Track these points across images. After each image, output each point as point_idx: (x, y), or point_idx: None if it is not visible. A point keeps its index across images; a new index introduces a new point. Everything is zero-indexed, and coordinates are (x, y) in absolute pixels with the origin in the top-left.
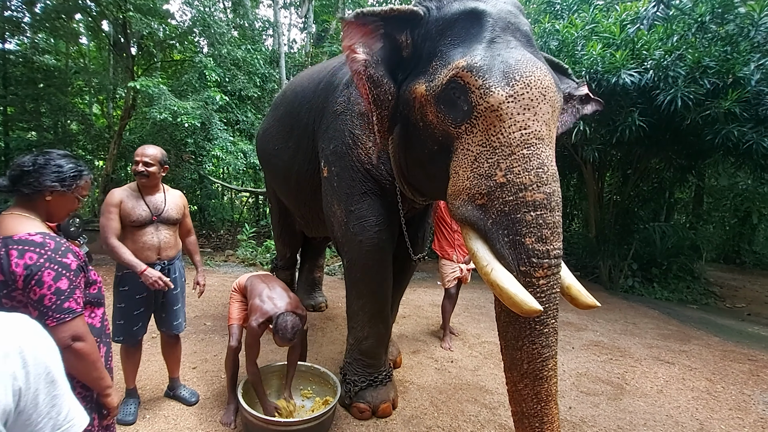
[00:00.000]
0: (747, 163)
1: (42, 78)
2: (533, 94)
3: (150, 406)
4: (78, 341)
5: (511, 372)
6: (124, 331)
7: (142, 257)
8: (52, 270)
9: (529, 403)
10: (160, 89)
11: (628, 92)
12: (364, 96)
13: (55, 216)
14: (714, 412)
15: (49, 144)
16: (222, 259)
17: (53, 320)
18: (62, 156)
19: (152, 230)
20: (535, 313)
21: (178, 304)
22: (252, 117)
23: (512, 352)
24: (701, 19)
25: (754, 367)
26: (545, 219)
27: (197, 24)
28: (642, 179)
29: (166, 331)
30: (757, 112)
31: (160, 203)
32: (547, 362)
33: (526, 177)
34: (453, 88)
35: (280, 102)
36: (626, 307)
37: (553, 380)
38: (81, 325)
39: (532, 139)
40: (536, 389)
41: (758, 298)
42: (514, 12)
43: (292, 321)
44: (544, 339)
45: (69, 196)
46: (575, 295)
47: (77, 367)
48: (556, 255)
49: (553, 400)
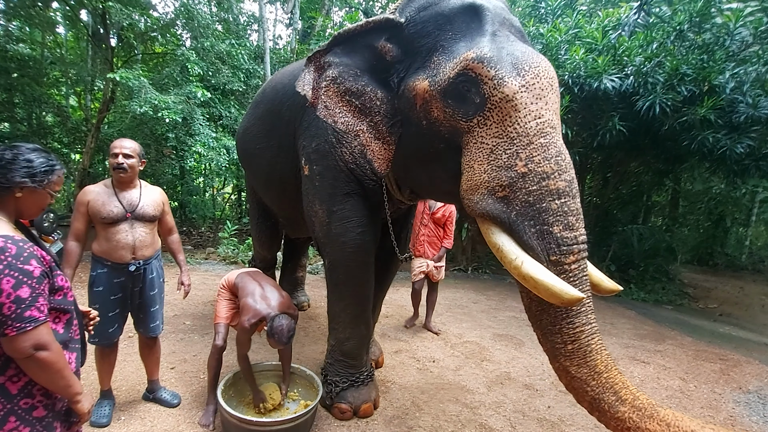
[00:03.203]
0: (721, 168)
1: (16, 68)
2: (543, 84)
3: (126, 408)
4: (41, 350)
5: (557, 360)
6: (99, 333)
7: (116, 256)
8: (11, 277)
9: (592, 384)
10: (140, 82)
11: (609, 97)
12: (339, 114)
13: (25, 213)
14: (687, 410)
15: (23, 136)
16: (203, 256)
17: (13, 329)
18: (32, 150)
19: (126, 228)
20: (578, 302)
21: (155, 306)
22: (235, 112)
23: (552, 337)
24: (680, 27)
25: (725, 366)
26: (569, 206)
27: (180, 16)
28: (622, 182)
29: (143, 332)
30: (731, 120)
31: (134, 199)
32: (593, 337)
33: (547, 165)
34: (462, 81)
35: (261, 99)
36: (604, 307)
37: (604, 353)
38: (45, 333)
39: (547, 128)
40: (590, 364)
41: (729, 299)
42: (506, 8)
43: (287, 324)
44: (583, 317)
45: (41, 192)
46: (597, 282)
47: (41, 377)
48: (582, 240)
49: (614, 369)
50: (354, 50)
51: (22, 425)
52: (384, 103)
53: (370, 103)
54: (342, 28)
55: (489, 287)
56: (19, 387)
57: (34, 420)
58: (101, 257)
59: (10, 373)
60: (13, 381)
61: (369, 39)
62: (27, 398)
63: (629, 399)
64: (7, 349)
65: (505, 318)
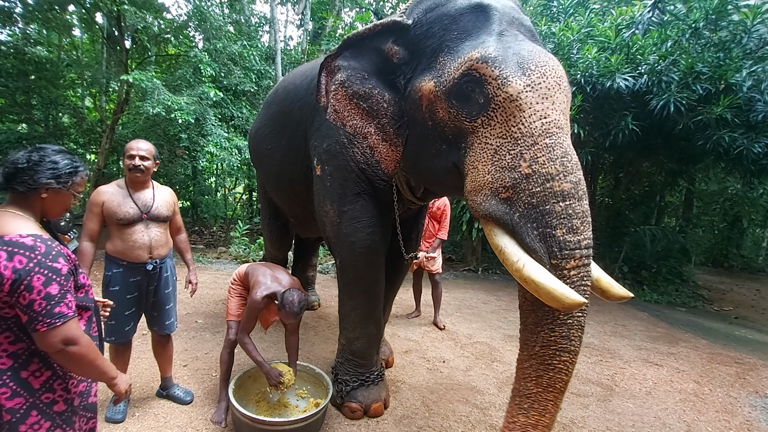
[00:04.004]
0: (737, 168)
1: (33, 70)
2: (550, 84)
3: (140, 405)
4: (71, 345)
5: (522, 351)
6: (115, 331)
7: (133, 256)
8: (41, 275)
9: (528, 384)
10: (153, 83)
11: (621, 96)
12: (348, 117)
13: (50, 214)
14: (701, 414)
15: (40, 137)
16: (214, 255)
17: (43, 325)
18: (57, 152)
19: (142, 228)
20: (578, 307)
21: (170, 304)
22: (247, 113)
23: (528, 334)
24: (695, 25)
25: (741, 369)
26: (574, 209)
27: (193, 18)
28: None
29: (157, 330)
30: (748, 119)
31: (149, 200)
32: (561, 354)
33: (552, 167)
34: (467, 81)
35: (272, 100)
36: (616, 309)
37: (562, 374)
38: (74, 328)
39: (553, 128)
40: (539, 373)
41: (745, 302)
42: (516, 8)
43: (298, 296)
44: (565, 329)
45: (65, 194)
46: (605, 288)
47: (75, 368)
48: (587, 245)
49: (556, 392)
50: (362, 53)
51: (43, 419)
52: (391, 105)
53: (378, 106)
54: (352, 28)
55: (499, 288)
56: (41, 381)
57: (54, 414)
58: (117, 257)
59: (33, 368)
60: (35, 376)
61: (376, 42)
62: (48, 393)
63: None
64: (39, 344)
65: (515, 319)
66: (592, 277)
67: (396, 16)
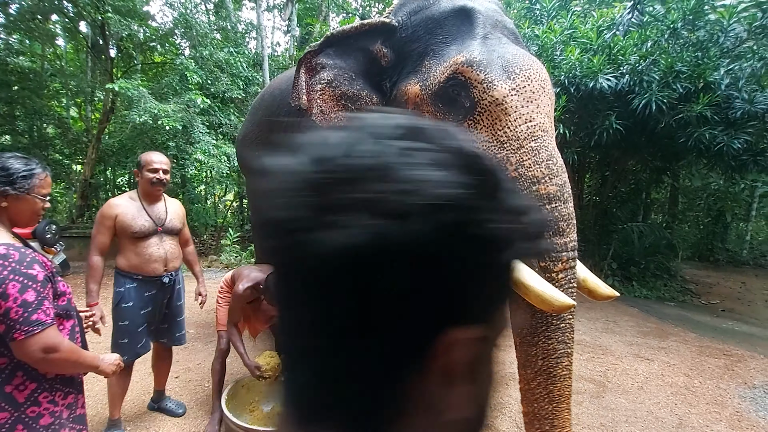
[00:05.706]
0: (719, 164)
1: (16, 80)
2: (534, 87)
3: (131, 419)
4: (51, 353)
5: (525, 369)
6: (129, 350)
7: (149, 270)
8: (17, 282)
9: (542, 403)
10: (139, 92)
11: (605, 96)
12: (335, 119)
13: (20, 221)
14: (692, 407)
15: (25, 148)
16: (205, 264)
17: (21, 333)
18: (9, 157)
19: (157, 241)
20: (567, 309)
21: (181, 316)
22: (235, 120)
23: (527, 348)
24: (673, 25)
25: (729, 361)
26: (560, 211)
27: (179, 25)
28: (620, 181)
29: (167, 343)
30: (727, 116)
31: (162, 213)
32: (562, 360)
33: (538, 170)
34: (452, 85)
35: (259, 105)
36: (607, 305)
37: (567, 380)
38: (53, 335)
39: (539, 131)
40: (549, 388)
41: (731, 294)
42: (499, 11)
43: None
44: (560, 334)
45: (27, 198)
46: (592, 288)
47: (60, 372)
48: (572, 247)
49: (565, 402)
50: (347, 53)
51: None
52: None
53: (366, 108)
54: None
55: None
56: (25, 395)
57: (41, 428)
58: (131, 272)
59: (16, 381)
60: (19, 390)
61: (363, 42)
62: (34, 406)
63: None
64: (17, 353)
65: None
66: (579, 278)
67: (383, 17)
